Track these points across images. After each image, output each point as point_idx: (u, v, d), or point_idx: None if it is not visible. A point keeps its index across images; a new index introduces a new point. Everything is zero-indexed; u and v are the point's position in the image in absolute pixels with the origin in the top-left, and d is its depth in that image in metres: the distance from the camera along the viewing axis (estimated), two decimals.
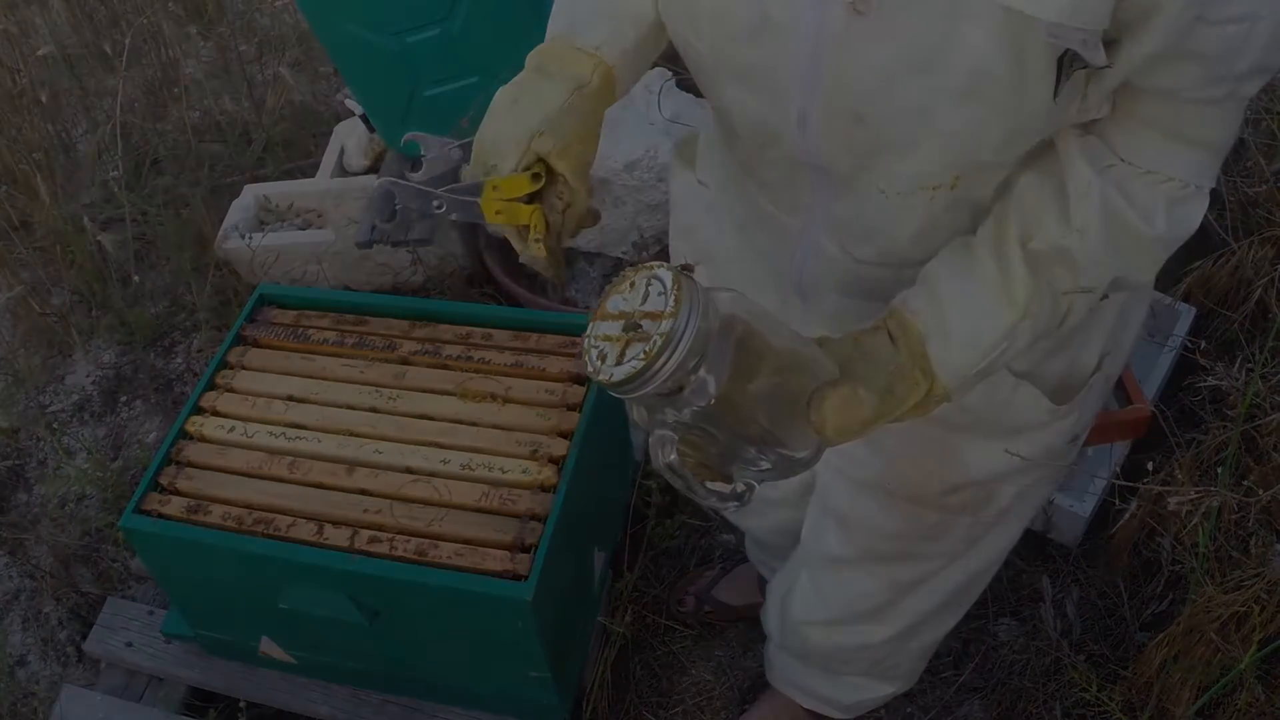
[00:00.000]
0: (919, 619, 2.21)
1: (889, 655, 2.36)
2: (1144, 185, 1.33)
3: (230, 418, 2.66)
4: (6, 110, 4.45)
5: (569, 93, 1.46)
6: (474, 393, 2.61)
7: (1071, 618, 2.95)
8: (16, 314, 4.10)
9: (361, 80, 3.45)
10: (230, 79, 4.89)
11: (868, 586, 2.17)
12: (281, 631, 2.69)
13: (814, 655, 2.47)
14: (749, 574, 2.99)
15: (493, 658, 2.51)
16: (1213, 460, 2.84)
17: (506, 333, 2.75)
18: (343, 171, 4.07)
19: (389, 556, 2.36)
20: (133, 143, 4.62)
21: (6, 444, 3.76)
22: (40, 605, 3.33)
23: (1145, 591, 2.98)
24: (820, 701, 2.60)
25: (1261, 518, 2.61)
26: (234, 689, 2.87)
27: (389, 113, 3.48)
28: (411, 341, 2.75)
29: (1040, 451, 1.77)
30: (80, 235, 4.04)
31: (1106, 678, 2.85)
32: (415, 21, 3.23)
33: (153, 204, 4.28)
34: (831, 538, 2.15)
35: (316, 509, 2.46)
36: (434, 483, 2.46)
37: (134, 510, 2.52)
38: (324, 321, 2.83)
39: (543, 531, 2.35)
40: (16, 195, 4.30)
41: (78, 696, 2.91)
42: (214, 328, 3.83)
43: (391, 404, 2.63)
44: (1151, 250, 1.37)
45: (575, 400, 2.57)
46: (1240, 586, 2.45)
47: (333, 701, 2.81)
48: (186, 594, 2.73)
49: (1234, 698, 2.55)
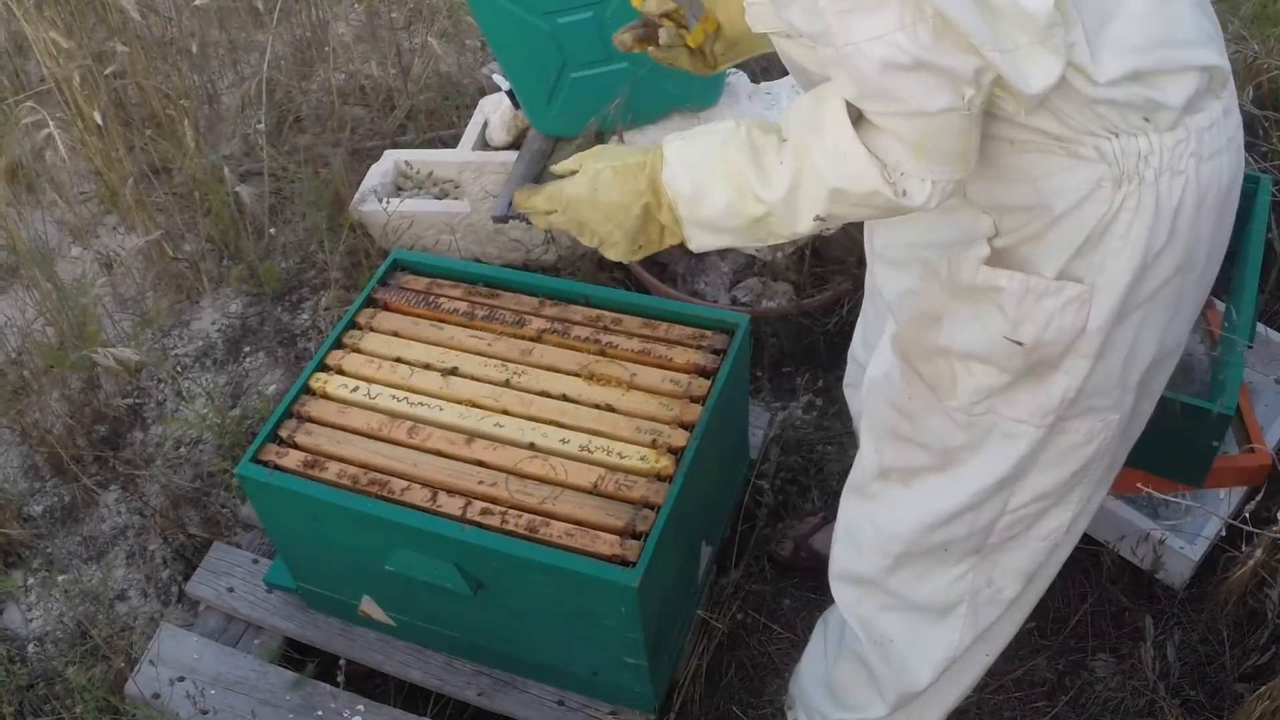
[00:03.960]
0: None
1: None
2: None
3: (354, 378, 2.68)
4: (156, 58, 4.52)
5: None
6: (600, 376, 2.61)
7: (1171, 660, 2.89)
8: (149, 257, 4.16)
9: (511, 57, 3.45)
10: (378, 44, 4.94)
11: (866, 451, 2.17)
12: (384, 593, 2.71)
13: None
14: None
15: (591, 640, 2.50)
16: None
17: (636, 319, 2.74)
18: (484, 145, 4.09)
19: (500, 530, 2.36)
20: (276, 99, 4.67)
21: (128, 382, 3.81)
22: (146, 543, 3.38)
23: (1248, 642, 2.91)
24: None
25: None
26: (330, 645, 2.89)
27: (536, 91, 3.48)
28: (541, 319, 2.76)
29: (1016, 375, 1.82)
30: (219, 185, 4.09)
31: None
32: (569, 4, 3.23)
33: (292, 160, 4.32)
34: (858, 455, 2.22)
35: (432, 476, 2.48)
36: (551, 461, 2.46)
37: (251, 459, 2.55)
38: (456, 291, 2.85)
39: (655, 520, 2.34)
40: (160, 141, 4.37)
41: (175, 636, 2.94)
42: (343, 287, 3.86)
43: (517, 379, 2.64)
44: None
45: (699, 393, 2.56)
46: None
47: (426, 667, 2.81)
48: (293, 547, 2.76)
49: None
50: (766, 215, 1.75)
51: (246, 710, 2.75)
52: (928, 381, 1.94)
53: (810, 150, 1.68)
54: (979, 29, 1.44)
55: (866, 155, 1.61)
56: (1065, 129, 1.60)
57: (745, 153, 1.75)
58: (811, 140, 1.68)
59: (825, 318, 3.57)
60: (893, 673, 2.28)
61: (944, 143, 1.58)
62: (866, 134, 1.61)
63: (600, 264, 3.85)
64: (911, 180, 1.61)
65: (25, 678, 3.01)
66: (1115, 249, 1.67)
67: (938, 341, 1.88)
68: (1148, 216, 1.65)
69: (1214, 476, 2.88)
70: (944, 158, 1.60)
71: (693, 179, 1.80)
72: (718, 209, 1.79)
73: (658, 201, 1.85)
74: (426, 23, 5.02)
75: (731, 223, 1.80)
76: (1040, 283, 1.72)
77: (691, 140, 1.83)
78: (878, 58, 1.48)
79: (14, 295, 4.11)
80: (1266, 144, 3.57)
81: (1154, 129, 1.61)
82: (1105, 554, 3.02)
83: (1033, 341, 1.76)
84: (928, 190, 1.62)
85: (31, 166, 4.39)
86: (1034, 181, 1.67)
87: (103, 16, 4.62)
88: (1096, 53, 1.54)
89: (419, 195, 4.03)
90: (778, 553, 3.14)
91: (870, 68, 1.50)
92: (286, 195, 4.33)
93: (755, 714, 2.89)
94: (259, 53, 4.74)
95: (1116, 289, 1.70)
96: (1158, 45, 1.58)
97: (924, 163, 1.59)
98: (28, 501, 3.52)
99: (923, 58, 1.46)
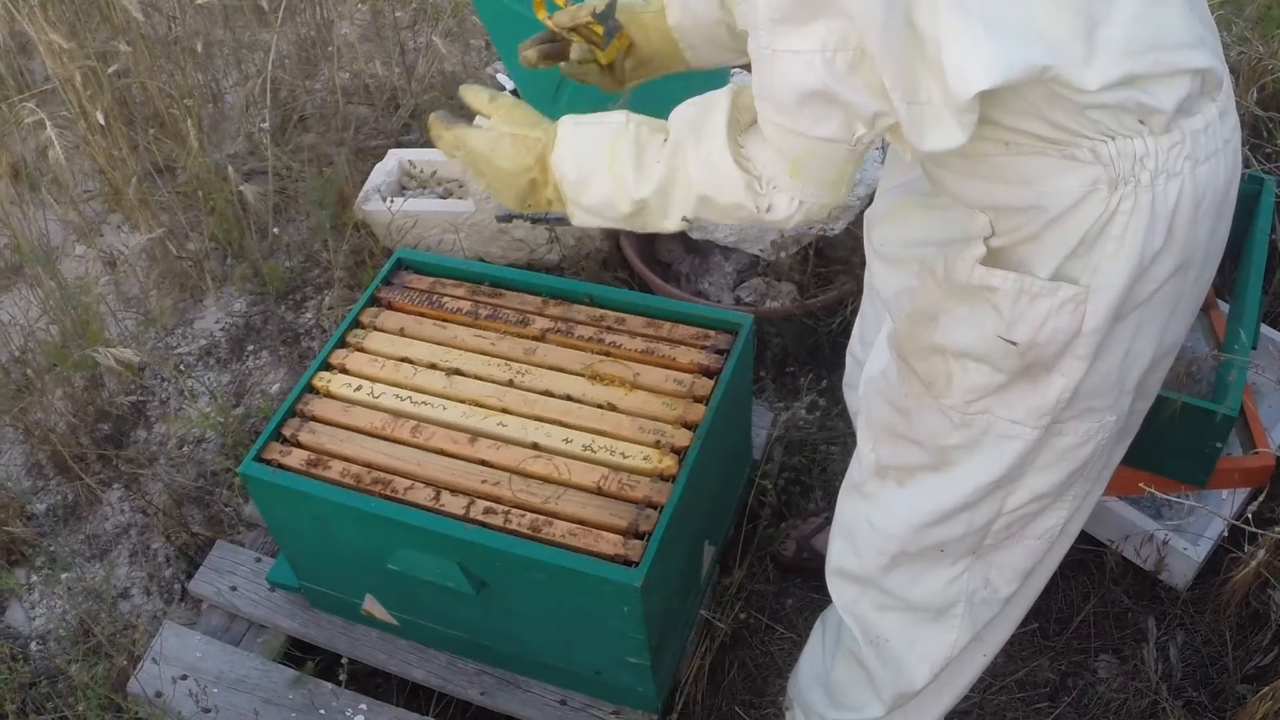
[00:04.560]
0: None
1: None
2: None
3: (358, 377, 2.69)
4: (160, 56, 4.52)
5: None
6: (603, 375, 2.61)
7: (1174, 662, 2.89)
8: (153, 255, 4.16)
9: (515, 56, 3.44)
10: (383, 43, 4.94)
11: (863, 449, 2.17)
12: (387, 592, 2.71)
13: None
14: None
15: (594, 640, 2.50)
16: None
17: (640, 319, 2.75)
18: None
19: (503, 529, 2.36)
20: (281, 98, 4.68)
21: (131, 381, 3.81)
22: (149, 541, 3.38)
23: (1251, 643, 2.91)
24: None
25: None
26: (332, 643, 2.89)
27: (540, 90, 3.47)
28: (545, 319, 2.76)
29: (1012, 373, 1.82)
30: (223, 184, 4.09)
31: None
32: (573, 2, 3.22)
33: (296, 160, 4.33)
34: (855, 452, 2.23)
35: (435, 475, 2.48)
36: (555, 461, 2.46)
37: (254, 458, 2.55)
38: (459, 291, 2.85)
39: (658, 520, 2.34)
40: (164, 140, 4.37)
41: (177, 634, 2.94)
42: (347, 286, 3.86)
43: (520, 378, 2.64)
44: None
45: (703, 393, 2.56)
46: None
47: (429, 666, 2.82)
48: (297, 545, 2.76)
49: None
50: (639, 210, 1.88)
51: (249, 709, 2.75)
52: (923, 379, 1.94)
53: (685, 154, 1.80)
54: (898, 76, 1.47)
55: (736, 169, 1.73)
56: (1059, 133, 1.60)
57: (629, 149, 1.86)
58: (689, 145, 1.80)
59: (829, 318, 3.57)
60: (889, 673, 2.28)
61: (821, 169, 1.68)
62: (750, 139, 1.73)
63: (604, 263, 3.85)
64: (780, 195, 1.72)
65: (28, 675, 3.01)
66: (1111, 251, 1.66)
67: (934, 339, 1.88)
68: (1143, 219, 1.64)
69: (1217, 477, 2.88)
70: (818, 182, 1.70)
71: (579, 165, 1.92)
72: (596, 198, 1.92)
73: (544, 179, 1.97)
74: (431, 22, 5.03)
75: (608, 213, 1.93)
76: (1035, 283, 1.71)
77: (583, 127, 1.94)
78: (788, 72, 1.55)
79: (18, 294, 4.11)
80: (1271, 145, 3.57)
81: (1149, 131, 1.60)
82: (1108, 554, 3.01)
83: (1027, 342, 1.75)
84: (793, 208, 1.73)
85: (35, 165, 4.40)
86: (1029, 183, 1.66)
87: (106, 15, 4.63)
88: (1087, 59, 1.52)
89: (423, 195, 4.04)
90: (781, 553, 3.14)
91: (778, 79, 1.57)
92: (290, 194, 4.33)
93: (758, 714, 2.89)
94: (263, 52, 4.74)
95: (1112, 291, 1.69)
96: (1149, 49, 1.57)
97: (797, 181, 1.70)
98: (31, 500, 3.52)
99: (830, 87, 1.52)
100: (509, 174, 1.99)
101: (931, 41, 1.45)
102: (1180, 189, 1.64)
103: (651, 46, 2.21)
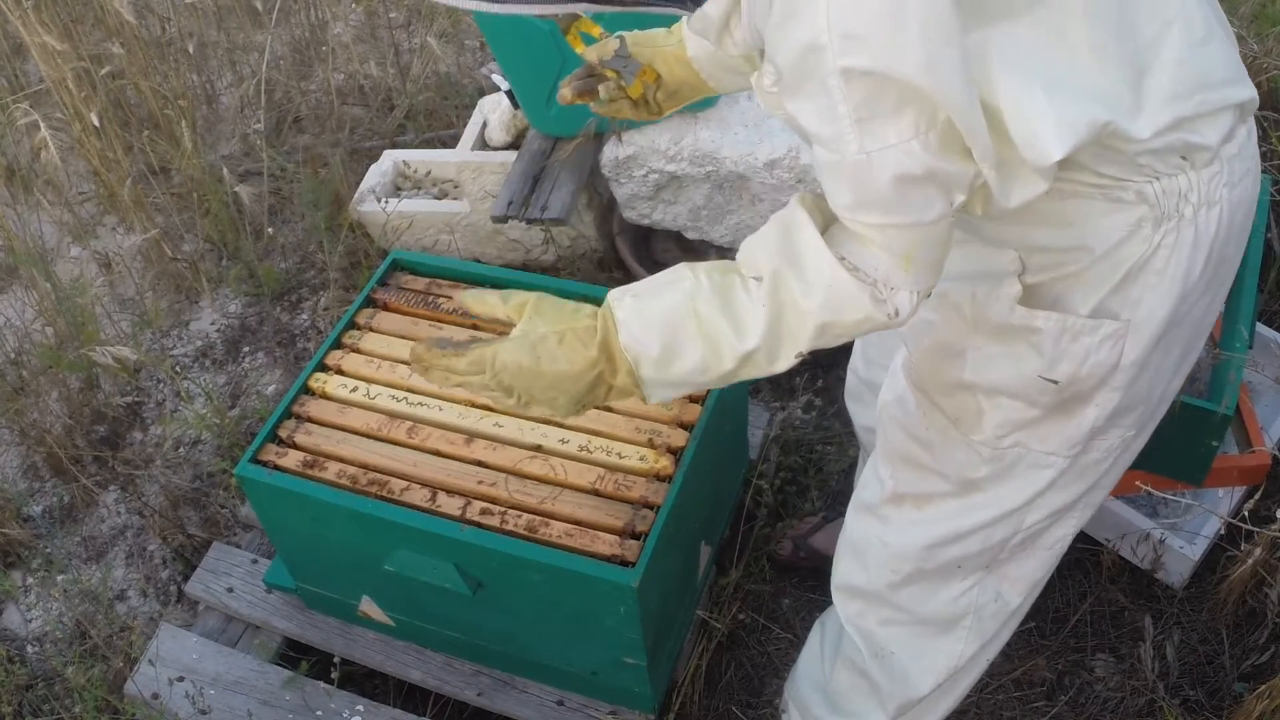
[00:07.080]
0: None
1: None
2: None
3: (354, 378, 2.68)
4: (154, 58, 4.52)
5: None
6: None
7: (1170, 660, 2.89)
8: (148, 257, 4.16)
9: (510, 57, 3.45)
10: (377, 44, 4.94)
11: (880, 473, 2.15)
12: (383, 593, 2.71)
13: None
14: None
15: (591, 640, 2.50)
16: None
17: None
18: (484, 145, 4.08)
19: (499, 530, 2.36)
20: (275, 99, 4.67)
21: (127, 383, 3.81)
22: (145, 543, 3.38)
23: (1247, 641, 2.92)
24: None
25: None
26: (329, 644, 2.88)
27: (535, 91, 3.48)
28: None
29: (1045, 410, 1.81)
30: (217, 185, 4.09)
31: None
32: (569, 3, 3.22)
33: (291, 161, 4.33)
34: (869, 473, 2.20)
35: (431, 476, 2.47)
36: (551, 461, 2.46)
37: (250, 459, 2.54)
38: (455, 291, 2.84)
39: (654, 520, 2.33)
40: (158, 141, 4.37)
41: (174, 635, 2.94)
42: (342, 287, 3.86)
43: None
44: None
45: (698, 393, 2.55)
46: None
47: (426, 667, 2.81)
48: (293, 547, 2.75)
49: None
50: (743, 363, 1.68)
51: (245, 710, 2.75)
52: (949, 415, 1.92)
53: (789, 286, 1.61)
54: (984, 141, 1.43)
55: (855, 284, 1.55)
56: (1106, 179, 1.58)
57: (714, 303, 1.66)
58: (789, 274, 1.61)
59: None
60: (895, 684, 2.27)
61: (930, 252, 1.55)
62: (847, 249, 1.56)
63: (600, 264, 3.85)
64: (901, 294, 1.56)
65: (24, 677, 3.02)
66: (1152, 284, 1.66)
67: (961, 376, 1.86)
68: (1186, 250, 1.64)
69: (1214, 476, 2.88)
70: (928, 266, 1.57)
71: (661, 339, 1.70)
72: (688, 367, 1.70)
73: (612, 368, 1.74)
74: (425, 23, 5.03)
75: (701, 378, 1.71)
76: (1077, 322, 1.69)
77: (647, 299, 1.74)
78: (891, 167, 1.43)
79: (13, 295, 4.11)
80: (1266, 144, 3.57)
81: (1191, 166, 1.59)
82: (1105, 553, 3.02)
83: (1068, 379, 1.74)
84: (914, 303, 1.58)
85: (29, 167, 4.39)
86: (1072, 225, 1.64)
87: (100, 18, 4.62)
88: (1137, 108, 1.52)
89: (418, 195, 4.03)
90: (777, 552, 3.13)
91: (882, 178, 1.45)
92: (285, 195, 4.33)
93: (754, 714, 2.89)
94: (258, 53, 4.74)
95: (1154, 323, 1.69)
96: (1194, 90, 1.56)
97: (912, 273, 1.55)
98: (27, 502, 3.52)
99: (933, 167, 1.43)
100: (569, 376, 1.74)
101: (992, 110, 1.44)
102: (1219, 215, 1.64)
103: (677, 78, 2.16)
